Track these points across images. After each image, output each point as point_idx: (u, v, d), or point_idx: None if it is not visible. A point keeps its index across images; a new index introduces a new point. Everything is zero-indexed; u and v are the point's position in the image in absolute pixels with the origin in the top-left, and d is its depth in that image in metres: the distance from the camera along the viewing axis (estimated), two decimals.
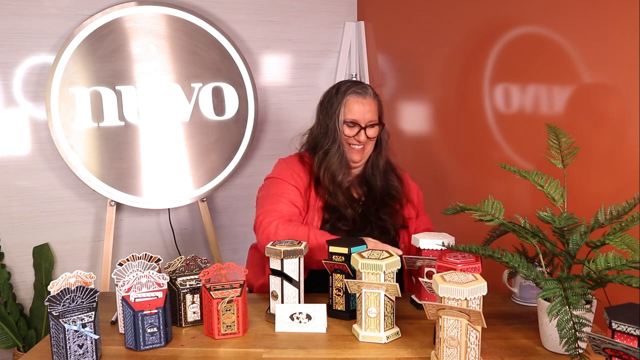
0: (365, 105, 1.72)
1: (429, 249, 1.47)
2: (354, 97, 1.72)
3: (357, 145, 1.73)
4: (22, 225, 2.49)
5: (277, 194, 1.67)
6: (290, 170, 1.73)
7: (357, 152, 1.74)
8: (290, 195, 1.68)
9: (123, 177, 2.43)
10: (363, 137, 1.71)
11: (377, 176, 1.78)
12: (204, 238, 2.77)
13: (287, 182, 1.70)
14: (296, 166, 1.75)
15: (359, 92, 1.73)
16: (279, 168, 1.77)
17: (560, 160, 1.32)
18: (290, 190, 1.69)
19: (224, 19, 2.68)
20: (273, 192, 1.69)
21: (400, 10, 2.61)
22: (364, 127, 1.71)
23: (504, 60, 1.94)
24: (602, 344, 0.95)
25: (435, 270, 1.43)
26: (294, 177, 1.71)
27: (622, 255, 1.14)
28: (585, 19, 1.59)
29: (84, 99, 2.36)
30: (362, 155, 1.75)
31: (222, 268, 1.34)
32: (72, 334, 1.15)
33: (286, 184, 1.70)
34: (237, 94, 2.59)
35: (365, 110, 1.71)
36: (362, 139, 1.72)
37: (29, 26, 2.39)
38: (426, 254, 1.47)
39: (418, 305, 1.47)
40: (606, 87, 1.56)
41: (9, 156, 2.45)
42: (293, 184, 1.70)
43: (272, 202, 1.66)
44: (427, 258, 1.45)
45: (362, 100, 1.72)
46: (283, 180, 1.71)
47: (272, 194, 1.69)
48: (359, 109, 1.71)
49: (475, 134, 2.12)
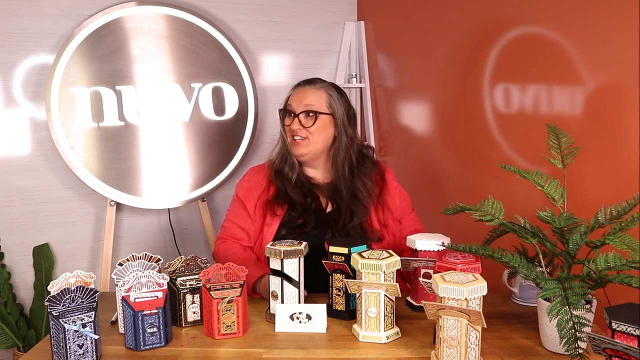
0: (304, 93, 1.70)
1: (425, 250, 1.46)
2: (296, 88, 1.73)
3: (296, 137, 1.68)
4: (22, 225, 2.49)
5: (233, 216, 1.76)
6: (251, 183, 1.76)
7: (297, 144, 1.69)
8: (241, 221, 1.73)
9: (123, 177, 2.43)
10: (296, 125, 1.67)
11: (343, 185, 1.69)
12: (204, 238, 2.77)
13: (242, 200, 1.74)
14: (261, 174, 1.77)
15: (302, 84, 1.73)
16: (243, 179, 1.82)
17: (560, 160, 1.32)
18: (242, 213, 1.73)
19: (224, 19, 2.68)
20: (231, 212, 1.79)
21: (400, 10, 2.61)
22: (297, 115, 1.68)
23: (504, 60, 1.94)
24: (602, 344, 0.95)
25: (431, 272, 1.43)
26: (251, 192, 1.74)
27: (622, 255, 1.13)
28: (585, 19, 1.59)
29: (84, 99, 2.36)
30: (305, 148, 1.68)
31: (222, 268, 1.34)
32: (72, 334, 1.15)
33: (240, 204, 1.75)
34: (237, 94, 2.59)
35: (302, 97, 1.69)
36: (294, 127, 1.67)
37: (29, 26, 2.39)
38: (422, 256, 1.46)
39: (414, 307, 1.47)
40: (606, 87, 1.56)
41: (9, 156, 2.45)
42: (246, 202, 1.73)
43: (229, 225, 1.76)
44: (423, 260, 1.45)
45: (301, 89, 1.71)
46: (239, 198, 1.76)
47: (231, 214, 1.79)
48: (296, 96, 1.71)
49: (475, 134, 2.12)
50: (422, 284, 1.37)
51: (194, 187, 2.55)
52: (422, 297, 1.44)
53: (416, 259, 1.45)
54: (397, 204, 1.76)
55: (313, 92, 1.70)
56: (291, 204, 1.68)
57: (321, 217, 1.68)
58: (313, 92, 1.70)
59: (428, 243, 1.46)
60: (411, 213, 1.80)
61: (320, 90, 1.71)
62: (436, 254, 1.45)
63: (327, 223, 1.68)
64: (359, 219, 1.66)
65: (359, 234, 1.64)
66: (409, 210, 1.80)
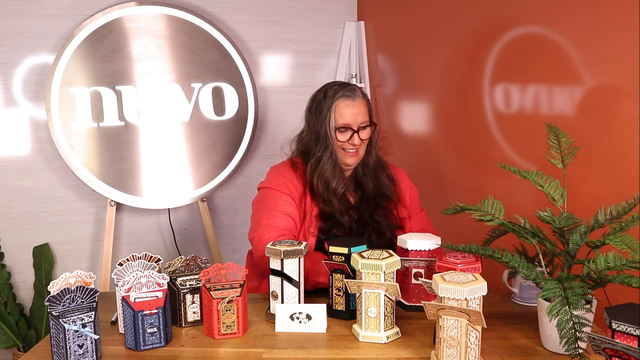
0: (356, 108, 1.68)
1: (416, 250, 1.46)
2: (343, 101, 1.67)
3: (351, 149, 1.70)
4: (22, 225, 2.49)
5: (272, 207, 1.66)
6: (284, 179, 1.70)
7: (351, 155, 1.71)
8: (284, 206, 1.65)
9: (123, 177, 2.43)
10: (357, 141, 1.68)
11: (369, 176, 1.76)
12: (204, 238, 2.77)
13: (281, 191, 1.68)
14: (289, 174, 1.72)
15: (347, 94, 1.68)
16: (272, 177, 1.74)
17: (560, 160, 1.32)
18: (284, 201, 1.66)
19: (224, 19, 2.68)
20: (267, 204, 1.67)
21: (400, 10, 2.61)
22: (357, 130, 1.68)
23: (504, 60, 1.94)
24: (602, 344, 0.95)
25: (422, 272, 1.44)
26: (287, 186, 1.69)
27: (622, 255, 1.14)
28: (585, 19, 1.59)
29: (84, 99, 2.36)
30: (357, 158, 1.72)
31: (222, 268, 1.34)
32: (72, 334, 1.15)
33: (280, 194, 1.67)
34: (237, 94, 2.59)
35: (356, 112, 1.67)
36: (356, 142, 1.68)
37: (29, 26, 2.39)
38: (413, 256, 1.47)
39: (406, 306, 1.47)
40: (606, 87, 1.56)
41: (9, 156, 2.45)
42: (287, 192, 1.67)
43: (268, 215, 1.64)
44: (414, 259, 1.45)
45: (352, 103, 1.68)
46: (277, 190, 1.68)
47: (266, 207, 1.67)
48: (350, 112, 1.67)
49: (475, 134, 2.12)
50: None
51: (194, 187, 2.55)
52: (413, 297, 1.46)
53: (407, 259, 1.46)
54: (407, 202, 1.81)
55: (361, 104, 1.70)
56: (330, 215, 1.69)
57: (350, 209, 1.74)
58: (361, 104, 1.70)
59: (419, 243, 1.46)
60: (420, 212, 1.84)
61: (363, 101, 1.72)
62: (427, 253, 1.45)
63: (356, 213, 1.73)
64: (384, 209, 1.73)
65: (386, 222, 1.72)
66: (417, 209, 1.84)
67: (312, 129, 1.72)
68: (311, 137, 1.72)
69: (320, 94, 1.72)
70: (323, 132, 1.68)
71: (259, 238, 1.61)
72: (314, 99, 1.74)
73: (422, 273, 1.45)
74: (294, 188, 1.69)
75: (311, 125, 1.73)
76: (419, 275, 1.45)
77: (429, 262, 1.45)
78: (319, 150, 1.70)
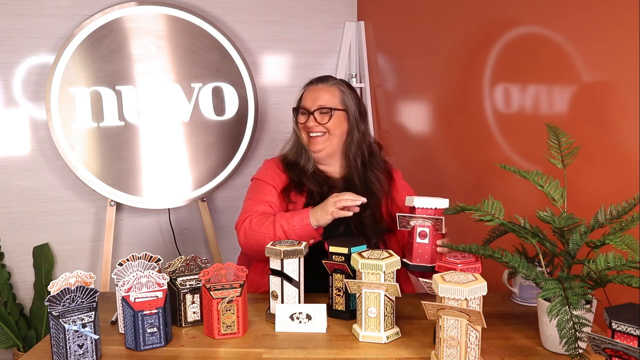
0: (318, 92, 1.74)
1: (423, 208, 1.47)
2: (309, 87, 1.77)
3: (313, 134, 1.72)
4: (22, 225, 2.49)
5: (255, 196, 1.72)
6: (271, 171, 1.78)
7: (314, 140, 1.73)
8: (267, 196, 1.71)
9: (123, 177, 2.43)
10: (311, 122, 1.71)
11: (356, 177, 1.75)
12: (204, 238, 2.77)
13: (265, 182, 1.74)
14: (277, 166, 1.79)
15: (314, 82, 1.77)
16: (261, 169, 1.83)
17: (560, 160, 1.32)
18: (266, 191, 1.72)
19: (224, 19, 2.68)
20: (251, 194, 1.75)
21: (400, 10, 2.61)
22: (312, 112, 1.71)
23: (504, 60, 1.94)
24: (602, 344, 0.95)
25: (427, 230, 1.45)
26: (272, 177, 1.75)
27: (622, 255, 1.14)
28: (585, 19, 1.59)
29: (84, 99, 2.36)
30: (322, 145, 1.72)
31: (222, 268, 1.34)
32: (72, 334, 1.15)
33: (264, 184, 1.74)
34: (237, 94, 2.59)
35: (317, 96, 1.73)
36: (310, 124, 1.71)
37: (29, 26, 2.39)
38: (419, 211, 1.47)
39: (409, 266, 1.48)
40: (606, 87, 1.56)
41: (9, 156, 2.45)
42: (271, 183, 1.73)
43: (249, 204, 1.71)
44: (420, 217, 1.46)
45: (315, 87, 1.75)
46: (262, 180, 1.76)
47: (250, 196, 1.75)
48: (310, 95, 1.74)
49: (475, 134, 2.12)
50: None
51: (194, 187, 2.55)
52: (417, 257, 1.47)
53: (414, 216, 1.47)
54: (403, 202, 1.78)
55: (326, 89, 1.75)
56: (309, 193, 1.72)
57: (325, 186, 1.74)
58: (326, 89, 1.75)
59: (427, 201, 1.47)
60: None
61: (332, 87, 1.75)
62: (433, 212, 1.46)
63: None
64: (372, 209, 1.70)
65: (373, 225, 1.68)
66: None
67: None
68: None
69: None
70: (293, 119, 1.78)
71: (237, 222, 1.67)
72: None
73: (426, 232, 1.46)
74: (278, 179, 1.75)
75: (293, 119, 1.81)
76: (424, 235, 1.46)
77: (434, 220, 1.45)
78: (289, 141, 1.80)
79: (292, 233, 1.54)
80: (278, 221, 1.57)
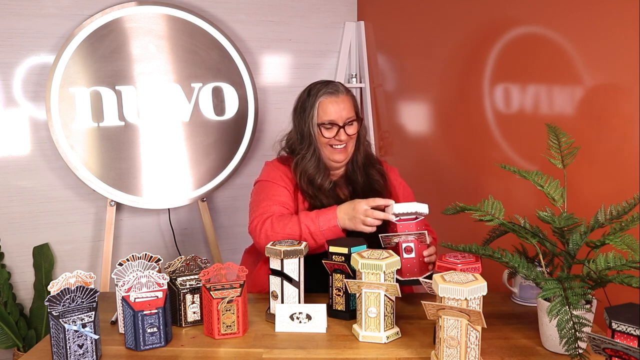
0: (340, 104, 1.69)
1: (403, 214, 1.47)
2: (326, 98, 1.69)
3: (339, 145, 1.71)
4: (22, 225, 2.49)
5: (268, 197, 1.68)
6: (279, 172, 1.74)
7: (339, 152, 1.71)
8: (281, 197, 1.68)
9: (123, 177, 2.43)
10: (344, 136, 1.69)
11: (358, 172, 1.77)
12: (204, 238, 2.77)
13: (276, 183, 1.71)
14: (282, 167, 1.76)
15: (330, 91, 1.70)
16: (268, 171, 1.78)
17: (560, 160, 1.32)
18: (280, 192, 1.69)
19: (224, 19, 2.68)
20: (264, 196, 1.70)
21: (400, 10, 2.61)
22: (342, 126, 1.69)
23: (504, 60, 1.94)
24: (602, 344, 0.95)
25: (412, 245, 1.45)
26: (282, 179, 1.73)
27: (622, 255, 1.14)
28: (585, 19, 1.59)
29: (84, 99, 2.36)
30: (346, 154, 1.73)
31: (222, 268, 1.34)
32: (72, 334, 1.15)
33: (276, 185, 1.71)
34: (237, 94, 2.59)
35: (341, 108, 1.69)
36: (343, 138, 1.69)
37: (29, 26, 2.39)
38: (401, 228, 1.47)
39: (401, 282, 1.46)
40: (606, 87, 1.56)
41: (9, 156, 2.45)
42: (282, 185, 1.71)
43: (264, 205, 1.66)
44: (402, 234, 1.46)
45: (336, 99, 1.69)
46: (272, 182, 1.72)
47: (262, 198, 1.69)
48: (334, 109, 1.68)
49: (475, 134, 2.12)
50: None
51: (194, 187, 2.55)
52: (407, 272, 1.47)
53: (396, 234, 1.47)
54: (401, 197, 1.80)
55: (346, 100, 1.71)
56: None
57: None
58: (346, 100, 1.71)
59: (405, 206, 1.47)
60: None
61: (347, 97, 1.73)
62: (415, 225, 1.47)
63: None
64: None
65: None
66: None
67: (297, 129, 1.75)
68: (297, 136, 1.76)
69: (304, 94, 1.76)
70: (307, 130, 1.71)
71: (256, 225, 1.62)
72: (299, 98, 1.78)
73: (412, 247, 1.46)
74: (288, 180, 1.73)
75: (296, 124, 1.76)
76: (409, 250, 1.46)
77: (417, 234, 1.46)
78: (302, 148, 1.73)
79: (319, 234, 1.54)
80: (303, 222, 1.56)
